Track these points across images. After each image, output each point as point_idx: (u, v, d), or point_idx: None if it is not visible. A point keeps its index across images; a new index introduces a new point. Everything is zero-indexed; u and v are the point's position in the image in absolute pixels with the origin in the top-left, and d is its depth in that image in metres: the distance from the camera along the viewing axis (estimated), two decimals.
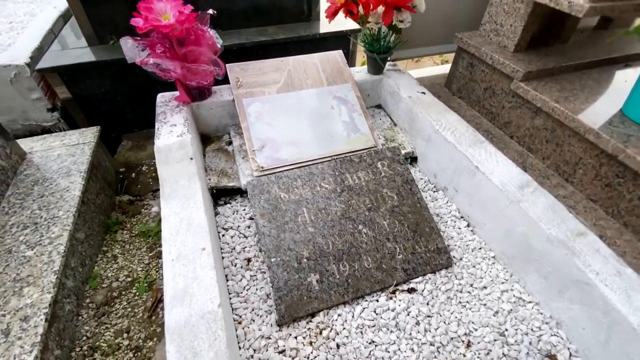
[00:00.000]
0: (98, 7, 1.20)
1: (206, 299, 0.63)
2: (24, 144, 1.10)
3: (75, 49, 1.24)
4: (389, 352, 0.73)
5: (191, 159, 0.91)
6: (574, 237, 0.73)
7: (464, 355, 0.73)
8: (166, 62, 0.90)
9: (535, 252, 0.78)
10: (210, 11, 0.93)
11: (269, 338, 0.75)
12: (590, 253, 0.70)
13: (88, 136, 1.12)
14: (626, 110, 0.91)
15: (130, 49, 0.88)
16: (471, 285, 0.86)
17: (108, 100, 1.28)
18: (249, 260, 0.88)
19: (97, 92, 1.26)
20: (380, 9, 1.04)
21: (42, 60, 1.18)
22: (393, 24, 1.05)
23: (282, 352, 0.73)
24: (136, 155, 1.33)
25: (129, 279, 0.93)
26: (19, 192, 0.94)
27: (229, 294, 0.81)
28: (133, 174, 1.26)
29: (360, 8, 1.05)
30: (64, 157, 1.05)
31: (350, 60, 1.53)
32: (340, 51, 1.25)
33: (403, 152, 1.14)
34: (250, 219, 0.98)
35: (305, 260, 0.83)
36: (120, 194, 1.21)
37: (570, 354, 0.73)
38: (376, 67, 1.24)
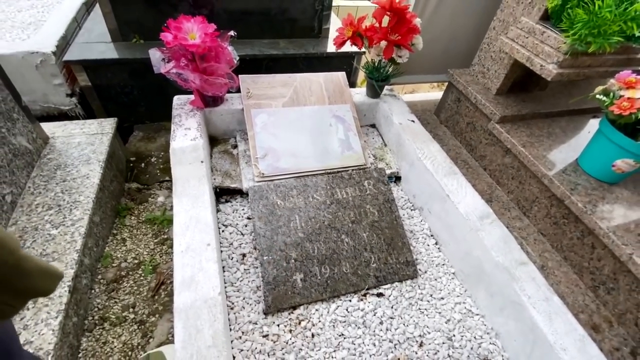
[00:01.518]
0: (125, 7, 1.29)
1: (209, 287, 0.77)
2: (46, 128, 1.20)
3: (100, 44, 1.34)
4: (354, 344, 0.88)
5: (202, 162, 1.03)
6: (517, 266, 0.88)
7: (416, 353, 0.88)
8: (188, 73, 1.02)
9: (486, 274, 0.93)
10: (232, 33, 1.04)
11: (256, 324, 0.88)
12: (527, 280, 0.86)
13: (106, 127, 1.23)
14: (580, 161, 1.06)
15: (158, 59, 0.99)
16: (431, 296, 1.01)
17: (125, 93, 1.39)
18: (244, 255, 1.02)
19: (115, 84, 1.36)
20: (383, 43, 1.16)
21: (68, 52, 1.27)
22: (392, 58, 1.18)
23: (265, 336, 0.87)
24: (146, 146, 1.44)
25: (136, 261, 1.06)
26: (43, 174, 1.05)
27: (225, 283, 0.94)
28: (142, 164, 1.37)
29: (366, 41, 1.17)
30: (83, 145, 1.15)
31: (353, 76, 1.66)
32: (344, 73, 1.37)
33: (389, 171, 1.28)
34: (248, 218, 1.11)
35: (293, 260, 0.96)
36: (129, 182, 1.32)
37: None
38: (374, 92, 1.37)
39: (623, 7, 0.88)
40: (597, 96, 0.90)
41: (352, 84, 1.64)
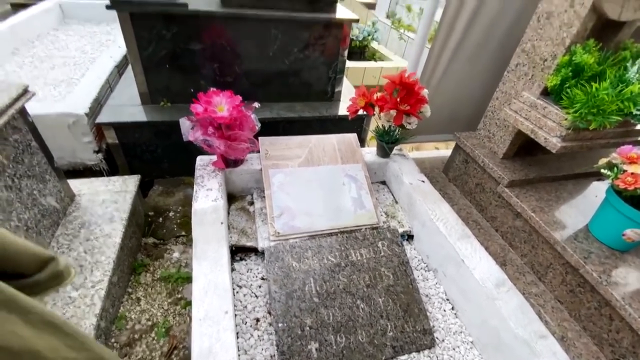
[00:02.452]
0: (156, 74, 1.42)
1: (226, 358, 0.76)
2: (73, 185, 1.26)
3: (130, 106, 1.45)
4: None
5: (221, 223, 1.07)
6: (537, 339, 0.86)
7: None
8: (214, 140, 1.09)
9: (505, 344, 0.91)
10: (256, 104, 1.14)
11: None
12: (548, 355, 0.83)
13: (130, 185, 1.29)
14: (591, 228, 1.08)
15: (187, 128, 1.07)
16: None
17: (150, 151, 1.47)
18: (257, 320, 1.01)
19: (142, 143, 1.45)
20: (393, 112, 1.25)
21: (101, 114, 1.37)
22: (402, 125, 1.26)
23: None
24: (165, 200, 1.49)
25: (150, 323, 1.05)
26: (68, 233, 1.09)
27: (238, 350, 0.93)
28: (160, 219, 1.41)
29: (377, 109, 1.26)
30: (108, 203, 1.20)
31: (363, 133, 1.75)
32: (355, 135, 1.46)
33: (401, 230, 1.30)
34: (262, 279, 1.11)
35: (307, 328, 0.95)
36: (146, 236, 1.35)
37: None
38: (384, 152, 1.44)
39: (619, 88, 0.95)
40: (602, 170, 0.95)
41: (362, 141, 1.73)
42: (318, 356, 0.92)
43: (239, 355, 0.91)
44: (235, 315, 1.00)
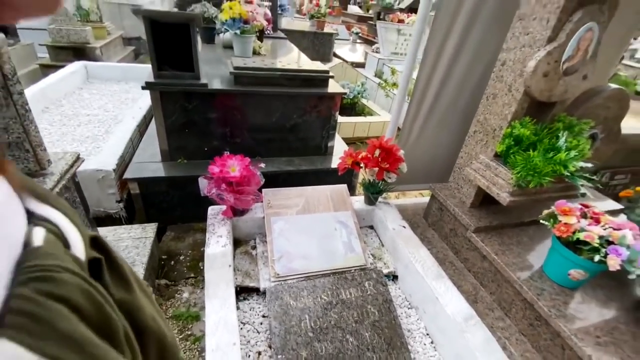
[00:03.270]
0: (177, 136, 1.68)
1: None
2: (100, 233, 1.44)
3: (152, 163, 1.69)
4: None
5: (229, 266, 1.25)
6: None
7: None
8: (225, 194, 1.31)
9: None
10: (262, 165, 1.37)
11: None
12: None
13: (149, 232, 1.48)
14: (545, 268, 1.27)
15: (204, 185, 1.29)
16: None
17: (166, 200, 1.68)
18: (259, 353, 1.15)
19: (159, 193, 1.66)
20: (376, 169, 1.49)
21: (128, 171, 1.60)
22: (384, 179, 1.50)
23: None
24: (176, 245, 1.67)
25: None
26: None
27: None
28: (172, 262, 1.58)
29: (362, 167, 1.51)
30: (130, 249, 1.38)
31: (353, 183, 1.98)
32: (345, 186, 1.68)
33: (386, 270, 1.47)
34: (264, 316, 1.26)
35: None
36: (159, 278, 1.51)
37: None
38: (370, 201, 1.66)
39: (551, 155, 1.20)
40: (542, 220, 1.16)
41: (352, 189, 1.96)
42: None
43: None
44: (241, 348, 1.14)
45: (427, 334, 1.29)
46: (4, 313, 0.19)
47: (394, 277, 1.52)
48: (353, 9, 9.77)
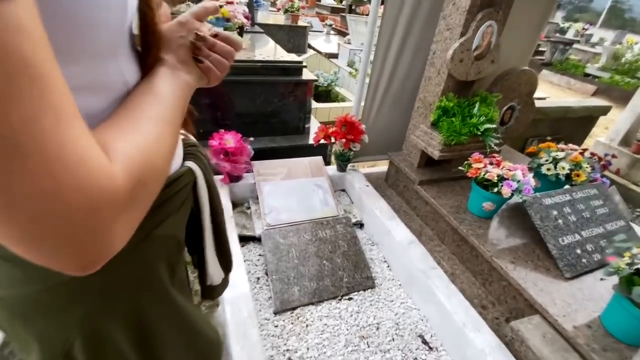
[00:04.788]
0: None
1: (245, 290, 1.27)
2: None
3: None
4: (334, 329, 1.35)
5: (231, 217, 1.60)
6: (429, 270, 1.43)
7: (375, 332, 1.36)
8: (223, 163, 1.66)
9: (415, 278, 1.47)
10: (251, 139, 1.72)
11: (269, 319, 1.36)
12: (435, 277, 1.40)
13: None
14: (468, 206, 1.69)
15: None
16: (385, 299, 1.51)
17: None
18: (258, 278, 1.52)
19: None
20: (343, 140, 1.87)
21: None
22: (350, 148, 1.88)
23: (276, 326, 1.33)
24: None
25: None
26: None
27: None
28: None
29: (333, 139, 1.88)
30: None
31: (328, 157, 2.36)
32: (321, 157, 2.06)
33: (354, 220, 1.87)
34: (260, 255, 1.63)
35: (292, 278, 1.48)
36: None
37: (431, 336, 1.37)
38: (341, 168, 2.05)
39: (466, 121, 1.62)
40: (461, 168, 1.58)
41: (328, 162, 2.34)
42: (299, 294, 1.44)
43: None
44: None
45: (385, 261, 1.70)
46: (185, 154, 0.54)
47: (361, 225, 1.92)
48: (327, 0, 10.03)
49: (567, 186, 1.61)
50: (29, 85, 0.19)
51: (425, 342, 1.33)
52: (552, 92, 6.49)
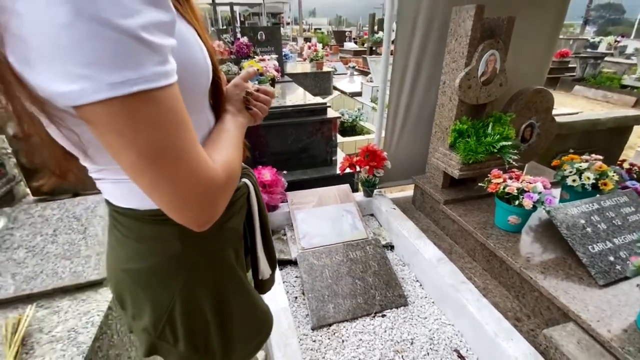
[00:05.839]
0: None
1: (286, 309, 1.40)
2: None
3: None
4: (369, 344, 1.41)
5: None
6: (460, 284, 1.47)
7: (409, 347, 1.40)
8: (261, 194, 1.87)
9: (447, 295, 1.51)
10: (284, 172, 1.94)
11: (306, 335, 1.45)
12: (466, 291, 1.43)
13: None
14: (495, 221, 1.73)
15: None
16: (418, 316, 1.55)
17: None
18: (296, 297, 1.64)
19: None
20: (367, 167, 2.03)
21: None
22: (373, 175, 2.03)
23: (313, 341, 1.43)
24: None
25: None
26: None
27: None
28: None
29: (357, 167, 2.06)
30: None
31: (355, 185, 2.51)
32: (348, 185, 2.22)
33: (384, 242, 1.96)
34: (296, 277, 1.77)
35: (327, 296, 1.58)
36: None
37: (467, 350, 1.38)
38: (368, 194, 2.19)
39: (481, 140, 1.72)
40: (480, 184, 1.65)
41: (355, 189, 2.49)
42: (334, 312, 1.53)
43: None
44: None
45: (417, 280, 1.75)
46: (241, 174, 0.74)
47: (391, 247, 2.00)
48: (349, 45, 10.80)
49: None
50: (183, 129, 0.39)
51: (460, 356, 1.34)
52: (589, 107, 6.26)
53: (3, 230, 1.15)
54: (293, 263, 1.84)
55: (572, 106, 5.85)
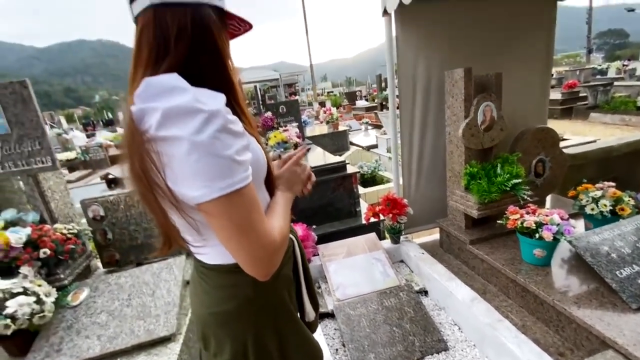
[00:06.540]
0: None
1: None
2: None
3: None
4: None
5: None
6: (496, 323, 1.50)
7: None
8: None
9: (485, 335, 1.52)
10: (314, 226, 2.13)
11: None
12: (503, 329, 1.45)
13: None
14: (522, 256, 1.77)
15: None
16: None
17: None
18: (337, 349, 1.69)
19: None
20: (389, 216, 2.18)
21: None
22: (397, 222, 2.17)
23: None
24: None
25: None
26: None
27: None
28: None
29: (381, 216, 2.21)
30: None
31: (382, 234, 2.62)
32: (374, 233, 2.35)
33: (417, 288, 2.01)
34: (335, 329, 1.83)
35: (366, 346, 1.63)
36: None
37: None
38: (394, 240, 2.30)
39: (492, 181, 1.86)
40: (498, 221, 1.75)
41: (382, 237, 2.60)
42: None
43: None
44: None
45: (455, 324, 1.77)
46: None
47: (425, 292, 2.04)
48: (360, 103, 11.61)
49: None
50: (256, 209, 0.60)
51: None
52: (608, 132, 6.20)
53: (87, 299, 1.37)
54: (330, 315, 1.92)
55: (590, 134, 5.85)
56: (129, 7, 0.62)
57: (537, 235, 1.58)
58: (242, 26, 0.72)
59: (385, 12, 2.05)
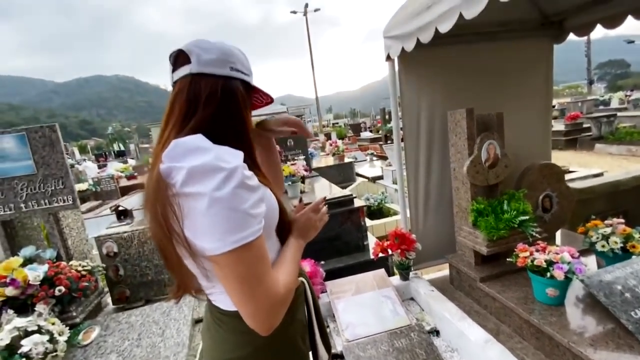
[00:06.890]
0: None
1: None
2: None
3: None
4: None
5: None
6: None
7: None
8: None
9: None
10: (322, 262, 2.13)
11: None
12: None
13: None
14: (534, 295, 1.74)
15: None
16: None
17: None
18: None
19: None
20: (398, 251, 2.18)
21: None
22: (406, 257, 2.16)
23: None
24: None
25: None
26: None
27: None
28: None
29: (389, 251, 2.21)
30: None
31: (391, 270, 2.60)
32: (383, 269, 2.33)
33: (428, 327, 1.97)
34: None
35: None
36: None
37: None
38: (404, 277, 2.27)
39: (499, 217, 1.87)
40: (508, 259, 1.74)
41: (391, 273, 2.57)
42: None
43: None
44: None
45: None
46: None
47: (437, 332, 1.99)
48: (365, 134, 11.87)
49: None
50: (263, 262, 0.64)
51: None
52: (616, 163, 6.20)
53: (98, 338, 1.38)
54: (340, 357, 1.87)
55: (597, 165, 5.85)
56: (170, 74, 0.71)
57: (548, 274, 1.57)
58: (264, 99, 0.81)
59: (388, 57, 2.18)
